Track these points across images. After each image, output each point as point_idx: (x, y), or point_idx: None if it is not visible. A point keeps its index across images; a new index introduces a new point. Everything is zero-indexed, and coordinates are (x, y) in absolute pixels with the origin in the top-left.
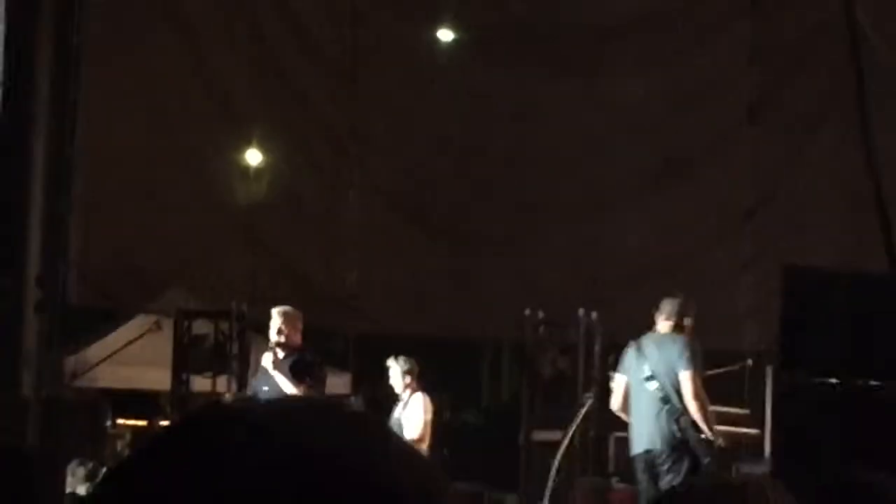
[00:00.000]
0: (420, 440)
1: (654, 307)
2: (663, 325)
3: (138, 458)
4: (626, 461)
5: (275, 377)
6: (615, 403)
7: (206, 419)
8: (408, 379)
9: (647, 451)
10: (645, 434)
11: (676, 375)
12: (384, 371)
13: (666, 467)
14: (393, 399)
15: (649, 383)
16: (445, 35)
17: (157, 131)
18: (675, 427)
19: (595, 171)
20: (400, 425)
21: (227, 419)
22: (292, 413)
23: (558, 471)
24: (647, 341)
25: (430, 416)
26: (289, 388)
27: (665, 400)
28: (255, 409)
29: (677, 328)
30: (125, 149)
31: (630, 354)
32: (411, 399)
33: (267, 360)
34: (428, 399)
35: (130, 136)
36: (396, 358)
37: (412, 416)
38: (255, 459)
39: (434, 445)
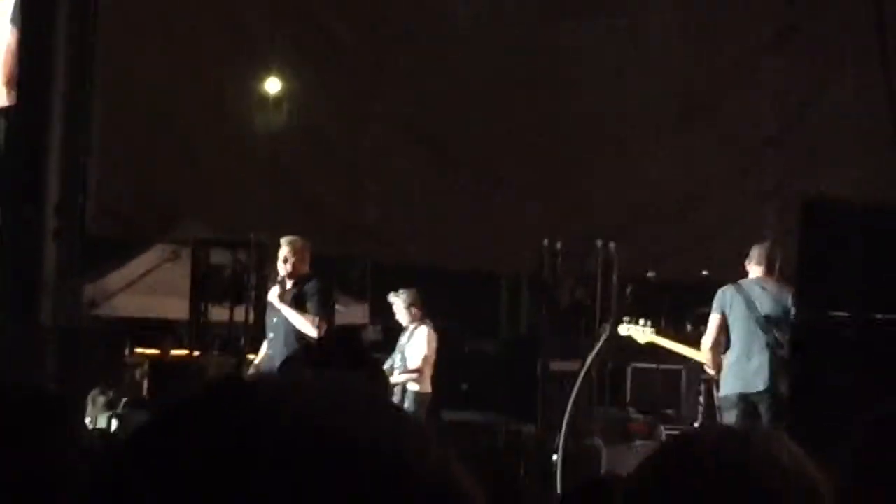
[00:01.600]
0: (419, 371)
1: (675, 244)
2: (757, 269)
3: (156, 429)
4: (644, 392)
5: (281, 310)
6: (708, 341)
7: (219, 396)
8: (413, 310)
9: (758, 392)
10: (757, 376)
11: (786, 324)
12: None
13: (773, 410)
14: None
15: (766, 326)
16: None
17: (175, 61)
18: (784, 373)
19: (617, 105)
20: (403, 356)
21: (239, 397)
22: (302, 393)
23: (576, 402)
24: (754, 285)
25: (432, 348)
26: (296, 319)
27: (780, 345)
28: (266, 386)
29: (779, 275)
30: (144, 80)
31: (732, 295)
32: (416, 331)
33: (273, 293)
34: (432, 331)
35: (148, 67)
36: (398, 292)
37: (414, 347)
38: (267, 438)
39: (445, 375)
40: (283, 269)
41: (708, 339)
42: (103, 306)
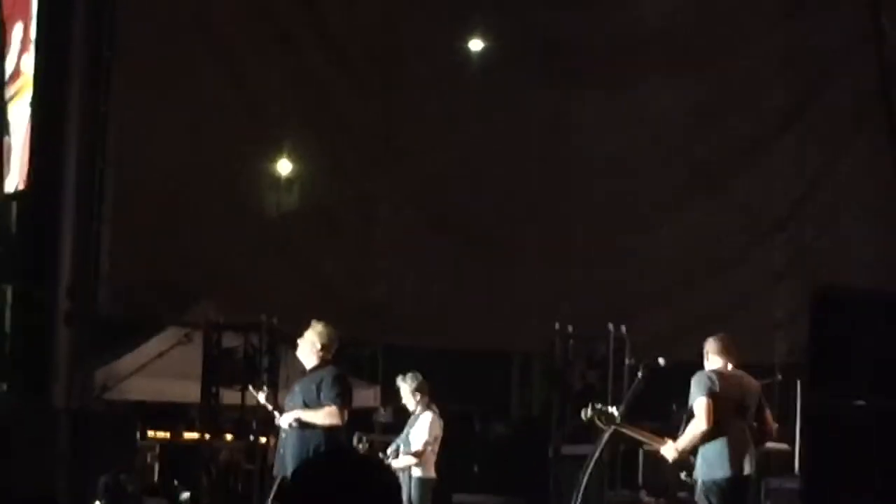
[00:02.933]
0: (420, 454)
1: (686, 325)
2: (719, 359)
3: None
4: (654, 475)
5: (294, 417)
6: (706, 423)
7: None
8: (417, 396)
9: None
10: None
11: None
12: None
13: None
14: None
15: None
16: (476, 45)
17: (188, 143)
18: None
19: (626, 184)
20: (407, 440)
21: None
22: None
23: (588, 485)
24: (727, 373)
25: (435, 434)
26: (314, 417)
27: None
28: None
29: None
30: (156, 161)
31: (716, 381)
32: (420, 416)
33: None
34: (436, 416)
35: (161, 149)
36: (404, 377)
37: (417, 432)
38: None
39: (456, 456)
40: (311, 358)
41: (704, 422)
42: (115, 390)
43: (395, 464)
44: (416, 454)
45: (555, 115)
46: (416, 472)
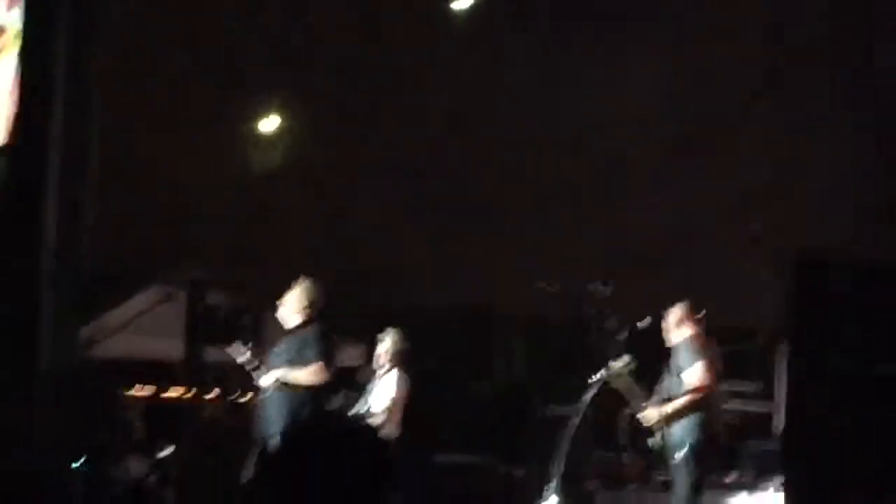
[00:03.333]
0: (389, 411)
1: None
2: (693, 326)
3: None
4: (637, 436)
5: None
6: (709, 389)
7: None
8: (388, 355)
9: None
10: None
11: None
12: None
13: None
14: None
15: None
16: (459, 4)
17: (172, 100)
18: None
19: (611, 148)
20: (376, 396)
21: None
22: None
23: (570, 446)
24: (707, 340)
25: (399, 394)
26: (297, 376)
27: None
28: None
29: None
30: (141, 120)
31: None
32: (388, 374)
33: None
34: (403, 376)
35: (145, 107)
36: (387, 333)
37: (383, 391)
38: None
39: (438, 417)
40: (295, 317)
41: (704, 389)
42: (99, 348)
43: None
44: (383, 414)
45: (538, 85)
46: (384, 431)
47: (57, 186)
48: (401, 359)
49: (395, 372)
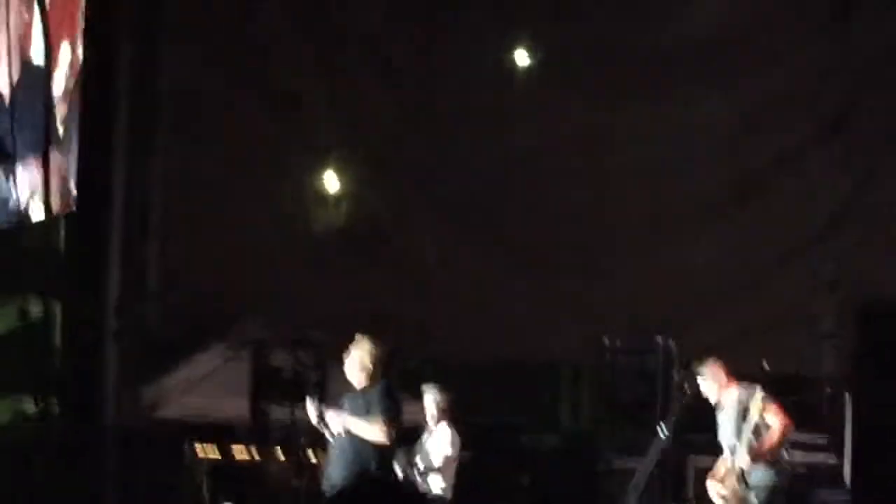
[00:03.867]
0: (441, 471)
1: (731, 337)
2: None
3: None
4: (705, 487)
5: (344, 421)
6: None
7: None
8: (435, 408)
9: None
10: None
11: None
12: (459, 396)
13: None
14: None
15: None
16: (521, 58)
17: (234, 159)
18: None
19: (669, 193)
20: (427, 454)
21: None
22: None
23: (638, 498)
24: None
25: (455, 450)
26: (361, 429)
27: None
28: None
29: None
30: (202, 177)
31: None
32: (438, 430)
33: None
34: (455, 433)
35: (208, 165)
36: (430, 387)
37: (437, 448)
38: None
39: (505, 470)
40: (360, 377)
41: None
42: (164, 408)
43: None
44: (440, 469)
45: (597, 127)
46: (438, 490)
47: (120, 245)
48: (450, 414)
49: (445, 428)
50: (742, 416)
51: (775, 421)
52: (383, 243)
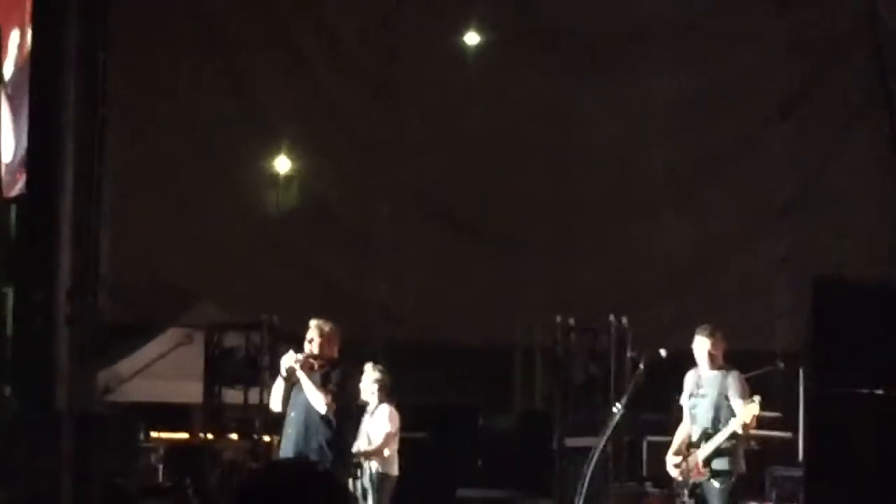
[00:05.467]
0: (379, 450)
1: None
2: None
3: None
4: (660, 466)
5: (300, 378)
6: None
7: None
8: (375, 387)
9: None
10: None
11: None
12: (416, 378)
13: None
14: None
15: None
16: (473, 38)
17: (185, 142)
18: None
19: (627, 174)
20: (367, 434)
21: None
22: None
23: (592, 477)
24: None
25: (394, 428)
26: (311, 390)
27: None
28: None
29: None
30: (154, 161)
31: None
32: (378, 409)
33: (289, 358)
34: (394, 411)
35: (159, 149)
36: (374, 365)
37: (377, 426)
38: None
39: (460, 451)
40: (307, 349)
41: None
42: (117, 392)
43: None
44: (379, 448)
45: (556, 107)
46: (376, 467)
47: (70, 230)
48: (388, 392)
49: (385, 406)
50: (718, 405)
51: (745, 417)
52: (336, 225)
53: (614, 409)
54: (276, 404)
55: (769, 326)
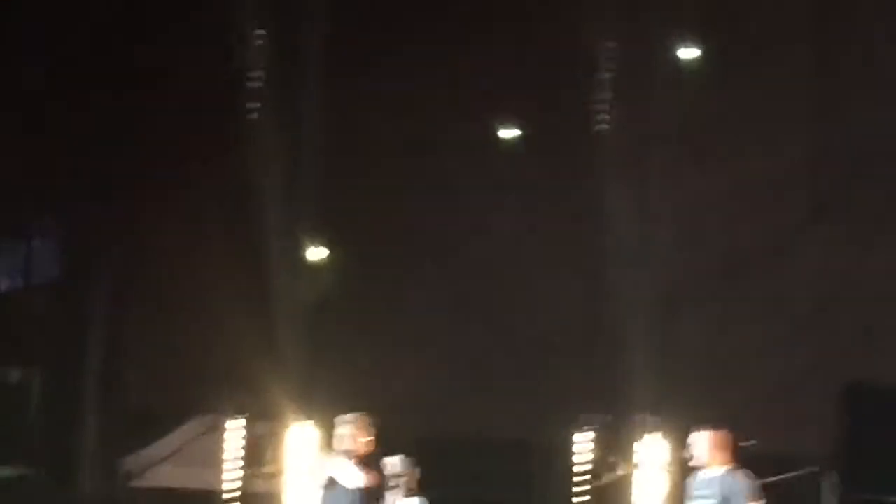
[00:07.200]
0: None
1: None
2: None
3: None
4: None
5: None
6: None
7: None
8: (403, 480)
9: None
10: None
11: None
12: (442, 472)
13: None
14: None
15: None
16: (507, 133)
17: (215, 231)
18: None
19: (654, 275)
20: None
21: None
22: None
23: None
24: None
25: None
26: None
27: None
28: None
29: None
30: (184, 250)
31: None
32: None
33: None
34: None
35: (188, 237)
36: (404, 458)
37: None
38: None
39: None
40: (345, 445)
41: None
42: (141, 478)
43: None
44: None
45: (585, 206)
46: None
47: (102, 316)
48: (419, 487)
49: (415, 500)
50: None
51: None
52: (366, 320)
53: None
54: None
55: (798, 431)
